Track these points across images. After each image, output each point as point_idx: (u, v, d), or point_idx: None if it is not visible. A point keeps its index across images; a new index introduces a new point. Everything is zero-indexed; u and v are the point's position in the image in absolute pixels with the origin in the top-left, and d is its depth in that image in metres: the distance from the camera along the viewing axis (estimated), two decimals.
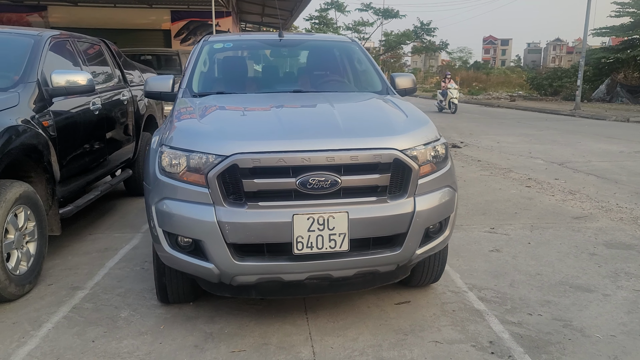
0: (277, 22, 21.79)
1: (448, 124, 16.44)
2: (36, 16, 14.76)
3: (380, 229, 2.90)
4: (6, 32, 4.55)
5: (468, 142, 11.89)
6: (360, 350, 2.91)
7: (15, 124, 3.56)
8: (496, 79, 50.28)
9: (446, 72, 23.35)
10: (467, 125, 16.10)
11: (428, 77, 65.07)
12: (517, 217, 5.60)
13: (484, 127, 15.42)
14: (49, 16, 14.75)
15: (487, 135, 13.44)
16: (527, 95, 33.73)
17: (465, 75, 53.32)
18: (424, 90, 45.15)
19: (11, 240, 3.46)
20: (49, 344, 2.96)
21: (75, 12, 14.59)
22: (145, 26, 14.62)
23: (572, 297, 3.61)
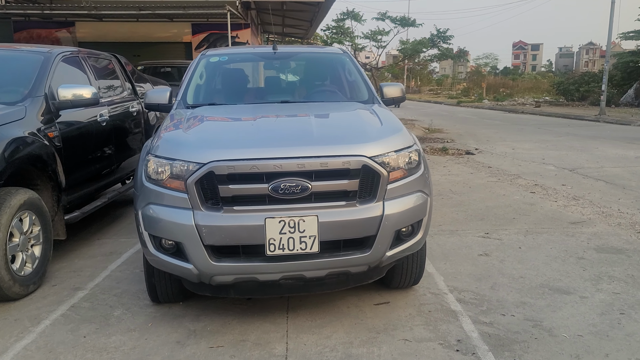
0: (299, 33, 22.15)
1: (467, 130, 16.42)
2: (64, 32, 15.38)
3: (350, 232, 3.06)
4: (19, 50, 4.88)
5: (483, 149, 11.89)
6: (331, 347, 3.06)
7: (21, 135, 3.84)
8: (524, 84, 49.73)
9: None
10: (486, 131, 16.05)
11: (455, 84, 64.74)
12: (514, 223, 5.66)
13: (503, 134, 15.35)
14: (76, 32, 15.36)
15: (503, 141, 13.40)
16: (553, 100, 33.30)
17: (493, 81, 52.88)
18: (449, 97, 45.01)
19: (16, 244, 3.73)
20: (44, 339, 3.20)
21: (101, 27, 15.17)
22: (167, 39, 15.10)
23: (548, 299, 3.69)
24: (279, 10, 17.03)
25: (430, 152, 11.41)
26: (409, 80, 64.37)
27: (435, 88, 63.35)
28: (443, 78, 72.59)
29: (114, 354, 3.02)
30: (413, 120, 20.33)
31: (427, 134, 15.42)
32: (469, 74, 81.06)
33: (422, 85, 67.52)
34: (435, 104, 38.14)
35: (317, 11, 15.54)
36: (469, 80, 62.28)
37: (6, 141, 3.64)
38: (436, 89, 61.96)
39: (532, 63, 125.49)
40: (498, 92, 41.54)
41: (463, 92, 47.99)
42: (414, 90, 63.56)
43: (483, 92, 41.89)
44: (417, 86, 66.45)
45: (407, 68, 58.48)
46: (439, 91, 59.08)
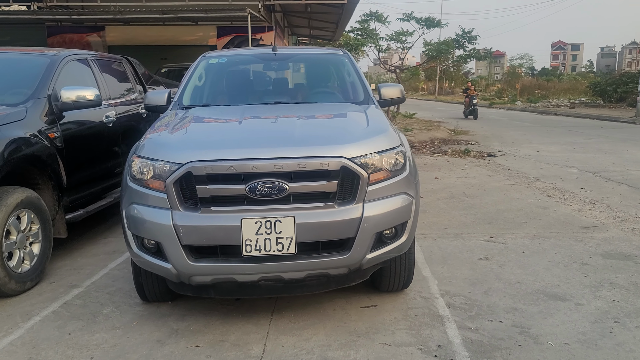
0: (326, 35, 22.19)
1: (493, 132, 16.11)
2: (95, 36, 15.79)
3: (327, 233, 3.02)
4: (27, 53, 5.02)
5: (506, 151, 11.64)
6: (308, 349, 3.04)
7: (20, 136, 3.95)
8: (561, 85, 48.49)
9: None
10: (513, 134, 15.71)
11: (489, 85, 63.57)
12: (523, 227, 5.51)
13: (530, 136, 14.99)
14: (106, 36, 15.74)
15: (529, 144, 13.09)
16: (589, 102, 32.36)
17: (528, 82, 51.72)
18: (482, 99, 44.21)
19: (13, 241, 3.84)
20: (31, 334, 3.28)
21: (129, 31, 15.50)
22: (193, 42, 15.32)
23: (542, 305, 3.57)
24: (304, 13, 17.09)
25: (452, 155, 11.24)
26: (442, 81, 63.55)
27: None
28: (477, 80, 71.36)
29: (94, 351, 3.06)
30: (440, 122, 20.08)
31: (452, 135, 15.19)
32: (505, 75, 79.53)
33: (455, 86, 66.52)
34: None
35: (341, 13, 15.52)
36: (504, 82, 61.10)
37: (1, 141, 3.74)
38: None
39: (572, 63, 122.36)
40: (533, 93, 40.61)
41: (497, 93, 47.04)
42: (447, 91, 62.70)
43: (517, 94, 41.03)
44: (450, 87, 65.52)
45: (440, 69, 57.82)
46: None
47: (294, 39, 25.84)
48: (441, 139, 14.07)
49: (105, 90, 5.48)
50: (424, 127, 16.46)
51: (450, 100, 46.82)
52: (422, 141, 13.41)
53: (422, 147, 12.52)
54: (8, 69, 4.85)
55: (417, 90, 75.69)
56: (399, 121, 16.33)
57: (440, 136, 14.62)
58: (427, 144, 13.06)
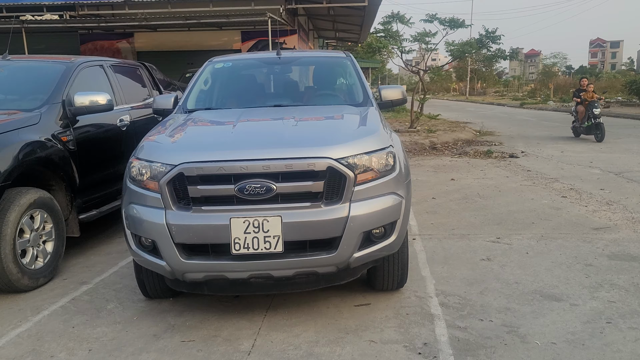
0: (351, 37, 22.25)
1: (519, 133, 15.88)
2: (124, 42, 16.26)
3: (314, 232, 3.10)
4: (45, 61, 5.27)
5: (530, 152, 11.48)
6: (295, 345, 3.12)
7: (33, 139, 4.16)
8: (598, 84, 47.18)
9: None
10: (540, 133, 15.46)
11: (522, 85, 62.47)
12: (532, 228, 5.47)
13: (557, 136, 14.72)
14: (135, 42, 16.20)
15: (555, 144, 12.86)
16: (625, 101, 31.46)
17: (563, 81, 50.62)
18: (514, 99, 43.52)
19: (26, 239, 4.05)
20: (38, 327, 3.46)
21: (156, 37, 15.90)
22: (219, 47, 15.58)
23: (536, 305, 3.57)
24: (327, 16, 17.20)
25: (473, 156, 11.15)
26: (474, 82, 62.78)
27: (501, 90, 61.36)
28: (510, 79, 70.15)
29: (93, 344, 3.22)
30: (467, 122, 19.88)
31: (476, 136, 15.04)
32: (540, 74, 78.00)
33: (487, 87, 65.65)
34: (498, 106, 37.00)
35: (364, 15, 15.57)
36: (538, 81, 59.95)
37: (15, 144, 3.96)
38: (502, 91, 59.99)
39: (612, 61, 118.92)
40: (568, 93, 39.68)
41: (529, 93, 46.21)
42: (478, 92, 61.94)
43: (550, 93, 40.22)
44: (482, 88, 64.69)
45: (471, 69, 57.17)
46: (505, 93, 57.18)
47: (321, 42, 25.99)
48: (465, 140, 13.95)
49: (120, 95, 5.68)
50: (448, 128, 16.33)
51: (481, 100, 46.26)
52: (444, 142, 13.32)
53: (444, 149, 12.45)
54: (28, 76, 5.11)
55: (449, 91, 74.96)
56: (422, 122, 16.26)
57: (464, 137, 14.48)
58: (449, 145, 12.98)
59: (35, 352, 3.12)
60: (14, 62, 5.22)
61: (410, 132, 14.82)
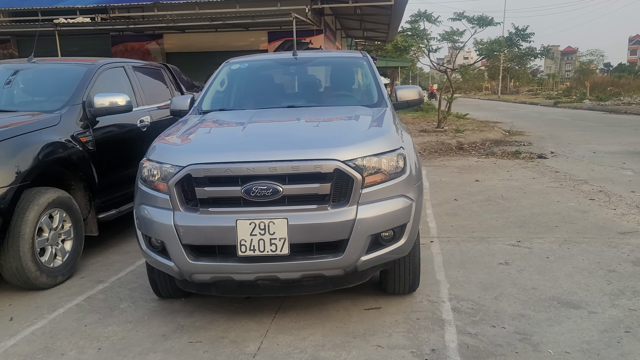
0: (380, 36, 22.12)
1: (551, 133, 15.51)
2: (154, 44, 16.49)
3: (320, 235, 3.07)
4: (67, 63, 5.38)
5: (560, 152, 11.20)
6: (301, 349, 3.10)
7: (52, 140, 4.24)
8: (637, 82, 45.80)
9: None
10: (571, 134, 15.07)
11: (557, 84, 61.06)
12: (554, 231, 5.32)
13: (590, 136, 14.32)
14: (164, 43, 16.40)
15: (587, 144, 12.52)
16: None
17: (600, 79, 49.26)
18: (547, 98, 42.55)
19: (45, 238, 4.13)
20: (52, 325, 3.52)
21: (185, 38, 16.08)
22: (246, 47, 15.66)
23: (552, 312, 3.46)
24: (354, 15, 17.12)
25: (500, 156, 10.94)
26: (507, 80, 61.61)
27: (535, 88, 60.08)
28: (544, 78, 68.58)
29: (103, 342, 3.26)
30: (496, 122, 19.55)
31: (505, 136, 14.76)
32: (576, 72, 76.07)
33: (520, 85, 64.34)
34: (531, 105, 36.28)
35: (391, 14, 15.43)
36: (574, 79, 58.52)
37: (34, 145, 4.04)
38: (535, 90, 58.74)
39: None
40: (604, 91, 38.60)
41: (564, 92, 45.15)
42: (511, 91, 60.76)
43: (587, 92, 39.17)
44: (514, 86, 63.44)
45: (504, 68, 56.15)
46: (539, 92, 55.95)
47: (349, 41, 25.90)
48: (493, 140, 13.70)
49: (141, 96, 5.76)
50: (477, 127, 16.06)
51: (513, 99, 45.41)
52: (472, 142, 13.11)
53: (471, 149, 12.25)
54: (51, 78, 5.22)
55: (481, 90, 73.90)
56: (450, 122, 16.03)
57: (493, 137, 14.23)
58: (477, 146, 12.76)
59: (47, 350, 3.18)
60: (39, 64, 5.35)
61: (438, 131, 14.64)
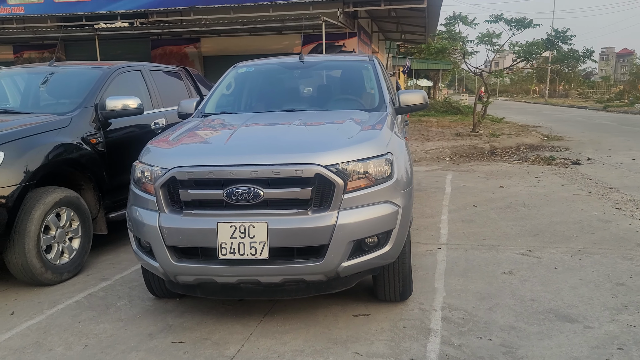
0: (417, 39, 21.90)
1: (592, 138, 14.94)
2: (192, 47, 16.87)
3: (300, 240, 3.06)
4: (84, 67, 5.57)
5: (596, 159, 10.77)
6: (280, 353, 3.09)
7: (61, 141, 4.39)
8: None
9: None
10: (614, 139, 14.46)
11: (610, 87, 58.75)
12: (570, 241, 5.11)
13: (633, 142, 13.72)
14: (201, 47, 16.76)
15: (628, 151, 11.99)
16: None
17: None
18: (597, 101, 41.03)
19: (52, 236, 4.28)
20: (48, 321, 3.64)
21: (221, 42, 16.36)
22: (280, 50, 15.80)
23: (545, 325, 3.32)
24: (390, 18, 17.01)
25: (533, 162, 10.61)
26: (555, 83, 59.74)
27: (585, 91, 57.97)
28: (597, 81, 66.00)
29: (92, 339, 3.34)
30: (537, 126, 18.99)
31: (543, 141, 14.31)
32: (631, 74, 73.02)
33: (570, 88, 62.25)
34: (579, 108, 35.04)
35: (425, 16, 15.25)
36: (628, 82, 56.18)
37: (41, 146, 4.19)
38: (586, 93, 56.67)
39: None
40: None
41: (616, 95, 43.39)
42: (560, 94, 58.88)
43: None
44: (564, 90, 61.42)
45: (553, 70, 54.48)
46: (589, 95, 53.98)
47: (388, 44, 25.74)
48: (529, 145, 13.31)
49: (157, 99, 5.90)
50: (514, 132, 15.65)
51: (561, 103, 44.02)
52: (506, 147, 12.77)
53: (504, 154, 11.94)
54: (68, 81, 5.40)
55: (529, 93, 71.96)
56: (486, 126, 15.67)
57: (529, 142, 13.82)
58: (510, 150, 12.43)
59: (37, 345, 3.29)
60: (58, 68, 5.55)
61: (472, 135, 14.35)
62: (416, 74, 40.56)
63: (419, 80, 44.21)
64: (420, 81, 44.57)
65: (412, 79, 41.92)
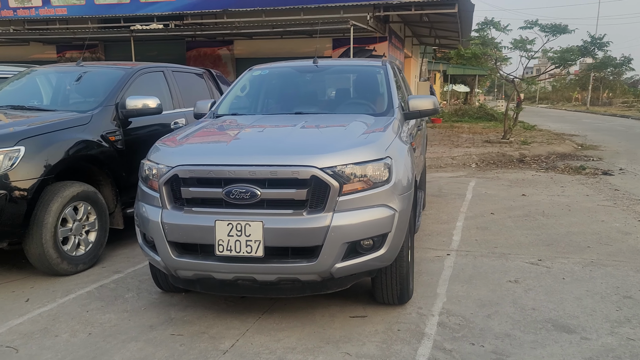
0: (452, 44, 21.69)
1: (629, 148, 14.51)
2: (225, 49, 17.18)
3: (294, 240, 3.12)
4: (108, 67, 5.78)
5: (630, 170, 10.47)
6: (271, 350, 3.16)
7: (79, 138, 4.58)
8: None
9: None
10: None
11: None
12: (584, 252, 5.02)
13: None
14: (234, 49, 17.06)
15: None
16: None
17: None
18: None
19: (69, 228, 4.47)
20: (59, 309, 3.81)
21: (253, 44, 16.62)
22: (310, 54, 15.80)
23: (541, 334, 3.29)
24: (422, 22, 16.93)
25: (561, 171, 10.39)
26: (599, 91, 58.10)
27: (630, 100, 56.12)
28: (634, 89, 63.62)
29: (96, 328, 3.48)
30: (573, 135, 18.53)
31: (576, 150, 13.97)
32: None
33: (614, 96, 60.37)
34: (621, 117, 33.98)
35: (458, 22, 15.10)
36: None
37: (59, 142, 4.39)
38: (631, 101, 54.84)
39: None
40: None
41: None
42: (603, 102, 57.20)
43: None
44: (607, 98, 59.64)
45: (596, 77, 53.01)
46: (635, 103, 52.20)
47: (422, 49, 25.58)
48: (560, 154, 13.02)
49: (178, 99, 6.07)
50: (546, 140, 15.33)
51: (603, 111, 42.75)
52: (536, 155, 12.53)
53: (532, 162, 11.72)
54: (93, 81, 5.62)
55: (570, 100, 70.13)
56: (518, 133, 15.39)
57: (561, 150, 13.52)
58: (540, 159, 12.19)
59: (45, 331, 3.45)
60: (85, 68, 5.78)
61: (502, 143, 14.13)
62: (452, 79, 40.11)
63: (455, 86, 43.74)
64: (457, 86, 44.09)
65: (448, 84, 41.51)
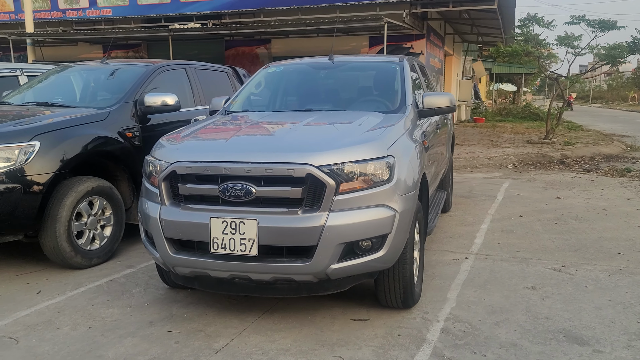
0: (495, 41, 21.08)
1: None
2: (262, 48, 17.28)
3: (288, 239, 3.05)
4: (132, 64, 5.86)
5: None
6: (264, 351, 3.09)
7: (95, 134, 4.64)
8: None
9: None
10: None
11: None
12: (614, 259, 4.73)
13: None
14: (271, 47, 17.13)
15: None
16: None
17: None
18: None
19: (83, 222, 4.54)
20: (66, 301, 3.86)
21: (290, 43, 16.64)
22: (346, 52, 15.81)
23: (550, 346, 3.09)
24: (462, 19, 16.53)
25: (604, 173, 9.91)
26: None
27: None
28: None
29: (97, 322, 3.51)
30: (623, 136, 17.68)
31: (624, 152, 13.32)
32: None
33: None
34: None
35: (499, 18, 14.63)
36: None
37: (75, 138, 4.46)
38: None
39: None
40: None
41: None
42: None
43: None
44: None
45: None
46: None
47: (465, 46, 25.01)
48: (606, 155, 12.44)
49: (200, 96, 6.09)
50: (593, 140, 14.69)
51: None
52: (579, 157, 12.02)
53: (574, 163, 11.23)
54: (115, 78, 5.70)
55: (626, 100, 67.26)
56: (561, 134, 14.81)
57: (608, 152, 12.91)
58: (583, 160, 11.68)
59: (48, 323, 3.50)
60: (109, 65, 5.87)
61: (543, 143, 13.63)
62: (498, 77, 39.10)
63: (502, 84, 42.63)
64: (504, 85, 42.95)
65: (494, 83, 40.49)
